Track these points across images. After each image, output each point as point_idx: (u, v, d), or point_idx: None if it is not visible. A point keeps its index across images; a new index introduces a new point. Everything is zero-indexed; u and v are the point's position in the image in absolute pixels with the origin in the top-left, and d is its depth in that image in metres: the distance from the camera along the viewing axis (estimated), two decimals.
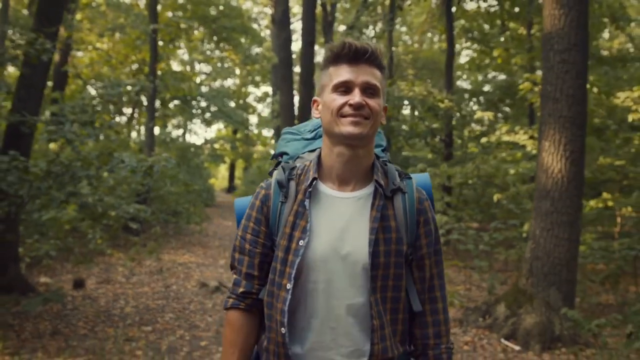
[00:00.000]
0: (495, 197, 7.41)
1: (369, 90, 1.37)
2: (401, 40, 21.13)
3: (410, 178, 1.49)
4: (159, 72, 14.07)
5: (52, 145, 9.64)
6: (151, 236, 11.17)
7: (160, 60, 14.66)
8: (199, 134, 52.33)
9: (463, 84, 22.74)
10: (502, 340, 5.03)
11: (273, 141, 22.04)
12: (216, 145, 28.05)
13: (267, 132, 29.35)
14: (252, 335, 1.47)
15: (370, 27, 16.80)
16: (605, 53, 19.54)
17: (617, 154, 8.01)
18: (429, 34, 18.82)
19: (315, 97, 1.49)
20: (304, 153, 1.61)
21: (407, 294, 1.44)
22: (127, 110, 16.93)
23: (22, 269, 6.77)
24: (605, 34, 20.38)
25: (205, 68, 25.86)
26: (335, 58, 1.40)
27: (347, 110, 1.35)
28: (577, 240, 5.22)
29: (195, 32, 18.76)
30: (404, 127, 10.54)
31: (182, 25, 16.79)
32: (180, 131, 27.04)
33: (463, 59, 20.47)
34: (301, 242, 1.37)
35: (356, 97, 1.35)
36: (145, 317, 5.98)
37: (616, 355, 4.23)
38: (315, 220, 1.40)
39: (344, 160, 1.41)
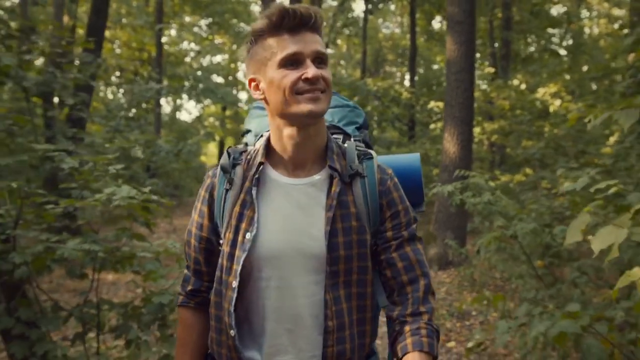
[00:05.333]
0: (434, 171, 10.63)
1: (319, 60, 1.32)
2: (385, 23, 24.22)
3: (371, 158, 1.44)
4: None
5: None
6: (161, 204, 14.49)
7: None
8: (192, 112, 55.06)
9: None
10: None
11: None
12: (205, 123, 31.08)
13: None
14: (204, 334, 1.47)
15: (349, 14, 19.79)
16: (595, 31, 22.69)
17: (533, 136, 11.24)
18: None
19: (252, 76, 1.39)
20: (268, 130, 1.47)
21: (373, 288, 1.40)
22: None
23: None
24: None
25: (195, 45, 28.79)
26: (274, 27, 1.31)
27: (302, 86, 1.29)
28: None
29: (188, 18, 21.77)
30: (375, 115, 13.78)
31: (176, 10, 19.82)
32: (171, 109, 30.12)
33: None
34: (248, 235, 1.34)
35: (311, 69, 1.28)
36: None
37: (474, 267, 7.53)
38: (264, 210, 1.37)
39: (295, 142, 1.36)
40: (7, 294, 3.02)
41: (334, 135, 1.54)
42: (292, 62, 1.30)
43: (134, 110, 16.88)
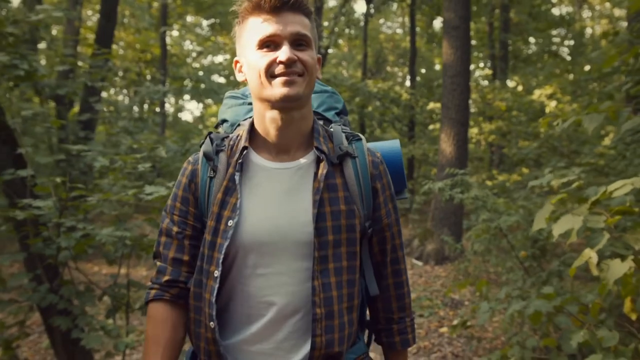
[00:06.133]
0: (432, 171, 11.13)
1: (299, 42, 1.30)
2: (387, 23, 24.70)
3: (360, 139, 1.45)
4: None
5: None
6: None
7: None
8: (194, 112, 55.53)
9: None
10: (413, 260, 8.84)
11: None
12: (207, 123, 31.63)
13: None
14: (178, 329, 1.39)
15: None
16: (598, 31, 23.14)
17: (530, 137, 11.72)
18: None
19: (236, 58, 1.41)
20: (245, 119, 1.52)
21: (362, 274, 1.42)
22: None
23: None
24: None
25: (197, 46, 29.35)
26: (254, 8, 1.31)
27: (277, 68, 1.28)
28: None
29: (190, 18, 22.26)
30: (376, 116, 14.29)
31: (179, 11, 20.33)
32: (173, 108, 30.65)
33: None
34: (230, 222, 1.31)
35: (286, 52, 1.27)
36: None
37: (468, 261, 8.01)
38: (247, 196, 1.35)
39: (277, 126, 1.35)
40: (48, 276, 3.51)
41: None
42: (268, 44, 1.30)
43: (136, 109, 17.43)
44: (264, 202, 1.35)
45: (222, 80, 26.59)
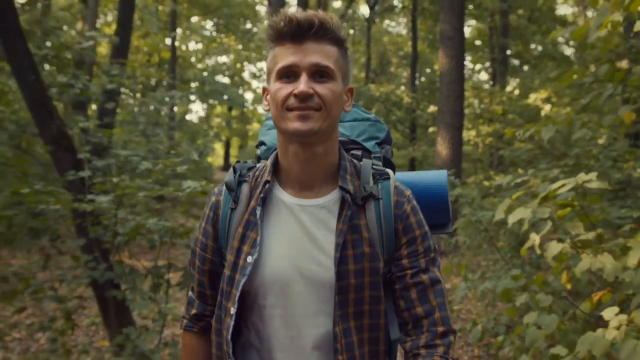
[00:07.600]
0: None
1: (320, 73, 1.27)
2: (391, 24, 25.60)
3: (388, 178, 1.39)
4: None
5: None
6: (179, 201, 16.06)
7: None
8: (199, 113, 56.32)
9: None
10: None
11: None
12: (212, 124, 32.51)
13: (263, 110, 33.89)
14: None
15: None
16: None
17: (526, 139, 12.59)
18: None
19: (265, 85, 1.38)
20: None
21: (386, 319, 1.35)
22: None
23: None
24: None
25: (202, 47, 30.30)
26: (277, 36, 1.29)
27: (292, 102, 1.26)
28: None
29: (195, 18, 23.20)
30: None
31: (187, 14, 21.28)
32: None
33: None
34: (249, 259, 1.31)
35: (301, 84, 1.24)
36: None
37: (462, 255, 8.89)
38: (268, 232, 1.34)
39: (300, 160, 1.32)
40: (104, 258, 4.43)
41: (353, 151, 1.51)
42: (288, 74, 1.28)
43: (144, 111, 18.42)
44: (284, 240, 1.34)
45: (226, 80, 27.58)
